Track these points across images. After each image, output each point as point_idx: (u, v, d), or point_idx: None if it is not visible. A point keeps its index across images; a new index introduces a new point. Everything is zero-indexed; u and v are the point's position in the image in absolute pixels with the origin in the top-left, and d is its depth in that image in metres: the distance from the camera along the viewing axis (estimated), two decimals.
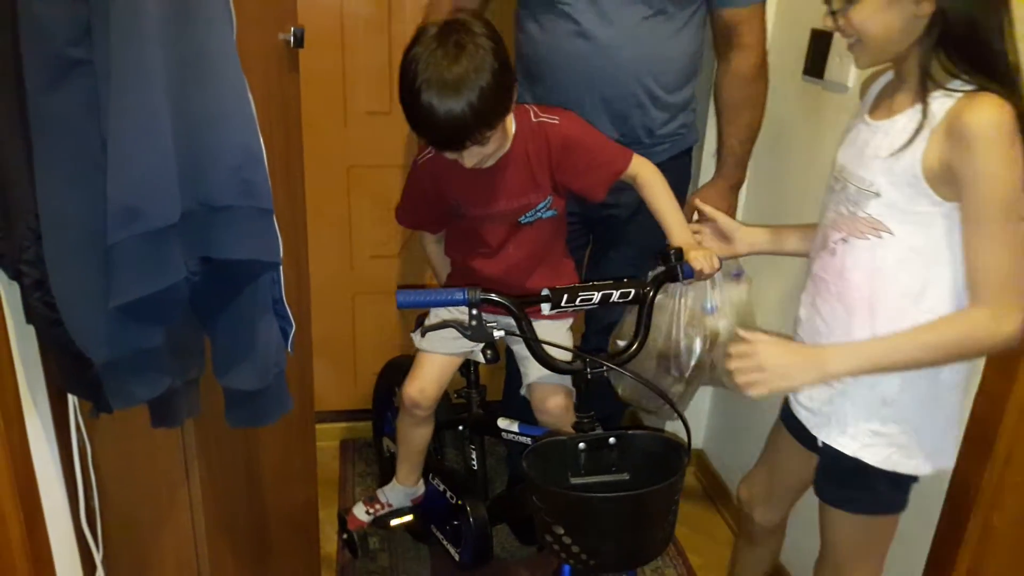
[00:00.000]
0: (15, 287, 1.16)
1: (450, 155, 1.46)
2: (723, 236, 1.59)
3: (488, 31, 1.38)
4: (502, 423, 1.79)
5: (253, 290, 1.24)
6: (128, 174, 1.03)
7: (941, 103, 1.13)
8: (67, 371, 1.22)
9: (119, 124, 1.03)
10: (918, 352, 1.17)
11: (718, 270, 1.49)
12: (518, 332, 1.42)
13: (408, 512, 2.07)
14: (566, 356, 1.56)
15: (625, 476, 1.38)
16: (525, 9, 1.78)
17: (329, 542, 2.28)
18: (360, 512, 2.07)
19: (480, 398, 1.93)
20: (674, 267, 1.45)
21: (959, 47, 1.12)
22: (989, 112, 1.07)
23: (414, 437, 1.92)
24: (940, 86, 1.14)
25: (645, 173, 1.61)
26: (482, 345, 1.74)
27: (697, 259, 1.46)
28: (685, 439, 1.35)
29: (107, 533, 1.49)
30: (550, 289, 1.45)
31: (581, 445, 1.37)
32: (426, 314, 1.80)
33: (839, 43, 1.80)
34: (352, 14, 2.36)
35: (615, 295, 1.46)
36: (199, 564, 1.60)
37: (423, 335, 1.54)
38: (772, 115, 2.14)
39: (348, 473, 2.58)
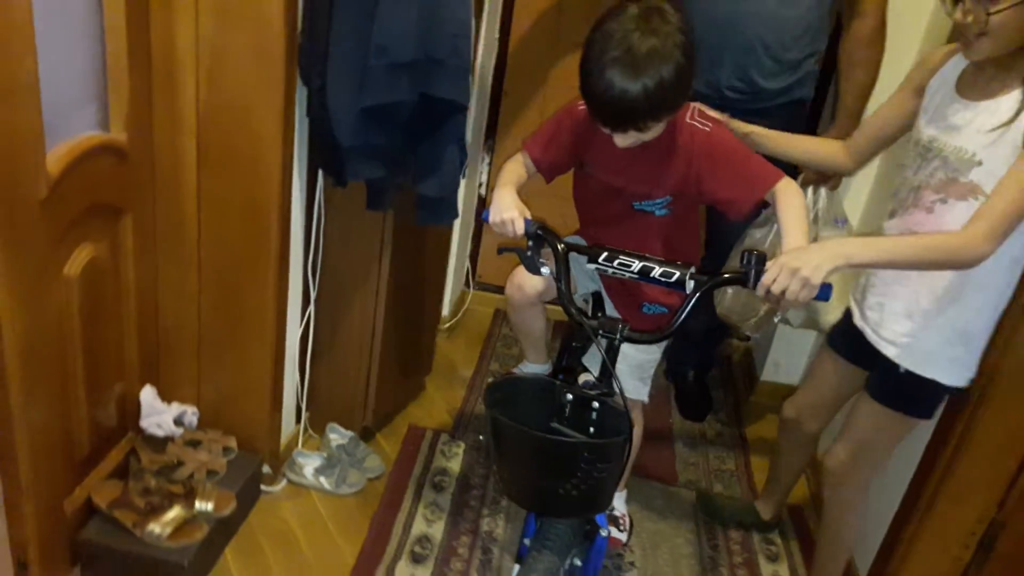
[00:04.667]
0: (304, 91, 1.81)
1: (607, 131, 1.47)
2: None
3: (682, 25, 1.38)
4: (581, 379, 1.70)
5: (446, 125, 1.83)
6: (385, 25, 1.64)
7: None
8: (324, 153, 1.87)
9: None
10: (912, 250, 1.43)
11: (797, 303, 1.32)
12: (556, 277, 1.45)
13: None
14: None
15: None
16: None
17: (469, 370, 2.92)
18: None
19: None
20: (747, 273, 1.35)
21: None
22: None
23: (529, 326, 1.98)
24: None
25: (785, 192, 1.53)
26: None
27: (772, 272, 1.31)
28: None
29: (321, 282, 2.16)
30: (593, 246, 1.49)
31: (569, 396, 1.41)
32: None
33: None
34: None
35: (656, 271, 1.42)
36: (375, 325, 2.24)
37: (499, 253, 1.56)
38: None
39: (495, 332, 3.20)
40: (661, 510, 2.37)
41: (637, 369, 1.89)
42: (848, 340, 1.80)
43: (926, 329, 1.59)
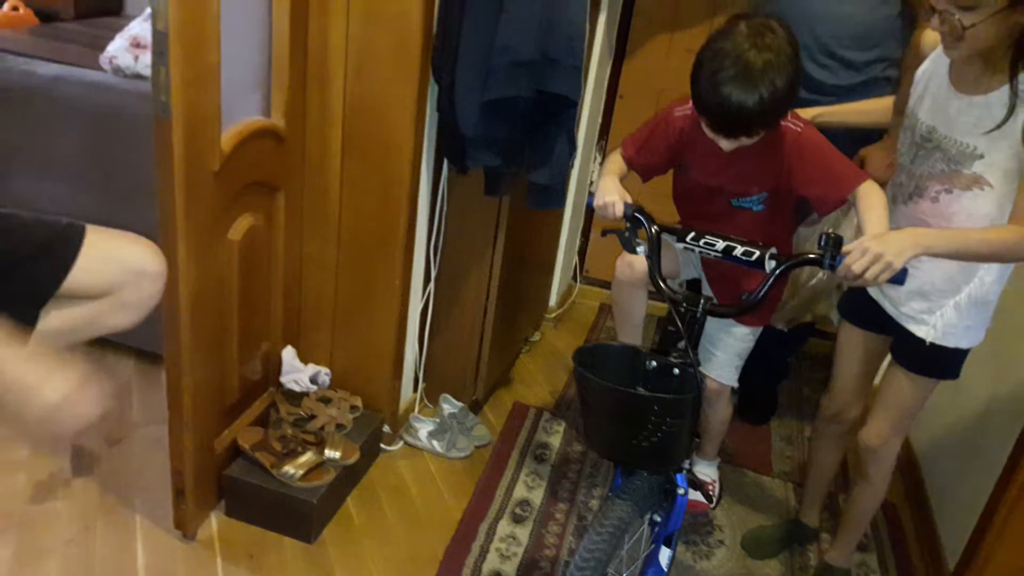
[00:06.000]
0: (435, 88, 2.03)
1: (713, 136, 1.58)
2: None
3: (790, 37, 1.50)
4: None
5: (558, 118, 2.01)
6: (509, 27, 1.84)
7: None
8: (448, 143, 2.09)
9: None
10: (979, 245, 1.49)
11: (874, 284, 1.43)
12: (648, 255, 1.59)
13: None
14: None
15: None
16: None
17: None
18: None
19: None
20: (824, 255, 1.43)
21: None
22: None
23: (630, 307, 2.04)
24: None
25: (868, 192, 1.61)
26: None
27: (854, 255, 1.40)
28: None
29: (441, 262, 2.38)
30: (683, 226, 1.61)
31: (652, 363, 1.53)
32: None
33: None
34: None
35: (739, 251, 1.53)
36: (486, 306, 2.44)
37: (603, 235, 1.71)
38: None
39: (600, 324, 3.36)
40: (753, 497, 2.45)
41: (736, 357, 2.01)
42: (866, 311, 1.84)
43: (943, 307, 1.66)
